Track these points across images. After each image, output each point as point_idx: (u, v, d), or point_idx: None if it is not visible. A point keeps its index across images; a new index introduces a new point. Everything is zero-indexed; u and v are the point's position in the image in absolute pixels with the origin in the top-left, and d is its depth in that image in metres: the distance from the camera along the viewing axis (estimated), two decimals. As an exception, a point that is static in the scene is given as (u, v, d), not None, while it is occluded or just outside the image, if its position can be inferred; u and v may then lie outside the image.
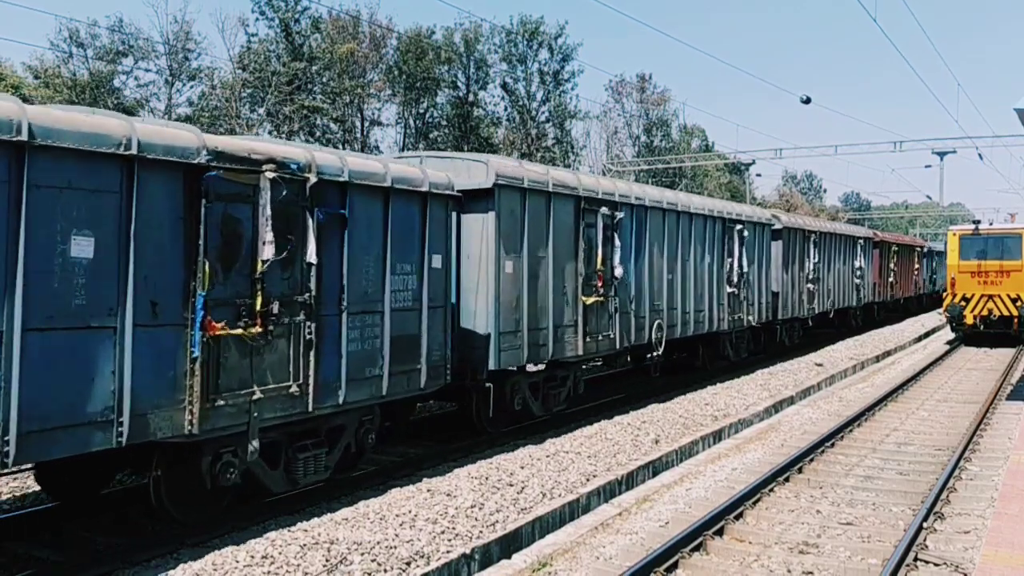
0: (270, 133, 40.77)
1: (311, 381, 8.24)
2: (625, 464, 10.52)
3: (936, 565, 7.35)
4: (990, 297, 25.39)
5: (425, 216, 9.78)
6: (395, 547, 7.25)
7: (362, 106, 48.04)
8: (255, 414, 7.67)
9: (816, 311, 24.20)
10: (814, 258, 23.75)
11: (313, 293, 8.26)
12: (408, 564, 7.03)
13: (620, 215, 13.63)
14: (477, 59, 52.74)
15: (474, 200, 10.91)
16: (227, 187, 7.37)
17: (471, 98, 52.61)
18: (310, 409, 8.26)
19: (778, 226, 21.40)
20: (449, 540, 7.55)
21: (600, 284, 13.08)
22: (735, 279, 18.16)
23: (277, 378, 7.94)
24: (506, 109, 55.29)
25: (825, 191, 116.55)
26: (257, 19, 46.11)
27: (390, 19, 55.76)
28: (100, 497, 8.63)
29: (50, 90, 36.92)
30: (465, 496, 8.69)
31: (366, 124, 47.73)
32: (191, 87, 43.62)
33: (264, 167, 7.56)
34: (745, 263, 18.53)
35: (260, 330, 7.71)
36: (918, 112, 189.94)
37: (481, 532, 7.84)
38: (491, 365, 10.93)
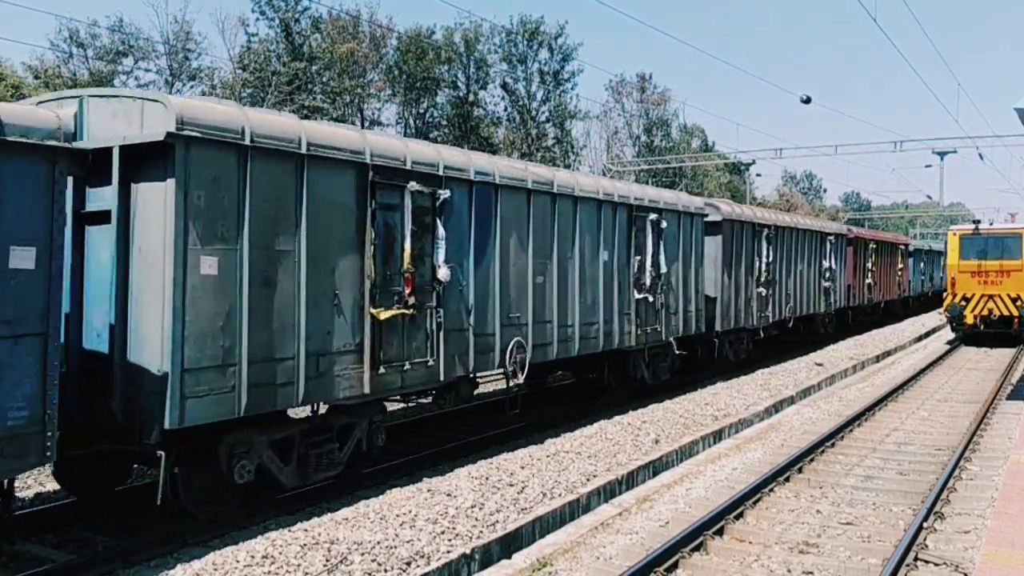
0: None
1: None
2: (625, 464, 10.52)
3: (936, 565, 7.36)
4: (990, 297, 25.39)
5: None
6: (395, 547, 7.25)
7: (362, 106, 48.05)
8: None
9: (770, 319, 20.66)
10: (767, 256, 20.26)
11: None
12: (408, 564, 7.03)
13: (444, 194, 10.01)
14: (477, 59, 52.74)
15: (149, 161, 7.29)
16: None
17: (471, 98, 52.61)
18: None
19: (715, 217, 17.85)
20: (449, 540, 7.55)
21: (408, 291, 9.51)
22: (647, 282, 14.52)
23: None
24: (506, 109, 55.30)
25: (825, 191, 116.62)
26: (257, 19, 46.12)
27: (390, 19, 55.86)
28: (115, 494, 8.73)
29: (50, 90, 36.91)
30: (465, 496, 8.69)
31: (366, 124, 47.72)
32: (191, 87, 43.59)
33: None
34: (663, 262, 14.96)
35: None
36: (918, 112, 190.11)
37: (481, 532, 7.84)
38: (168, 422, 7.10)
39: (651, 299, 14.73)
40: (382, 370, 9.17)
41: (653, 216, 14.73)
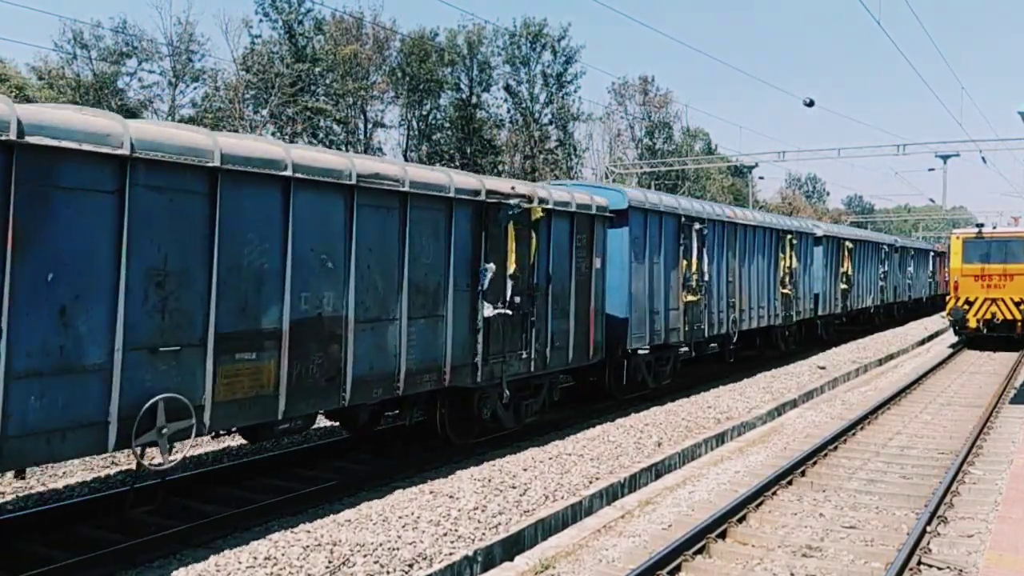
0: (273, 135, 40.83)
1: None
2: (628, 467, 10.51)
3: (939, 569, 7.34)
4: (993, 300, 25.37)
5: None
6: (398, 549, 7.25)
7: (365, 108, 48.14)
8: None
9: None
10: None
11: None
12: (411, 566, 7.03)
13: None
14: (480, 61, 52.85)
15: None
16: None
17: (474, 100, 52.66)
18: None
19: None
20: (452, 542, 7.55)
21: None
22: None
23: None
24: (509, 111, 55.41)
25: (828, 194, 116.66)
26: (260, 21, 46.30)
27: (393, 21, 55.87)
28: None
29: (54, 91, 37.01)
30: (468, 498, 8.68)
31: (369, 126, 47.80)
32: (194, 88, 43.74)
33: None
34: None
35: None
36: (921, 115, 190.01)
37: (484, 534, 7.83)
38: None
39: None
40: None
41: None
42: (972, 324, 25.70)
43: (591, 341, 12.87)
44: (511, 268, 10.86)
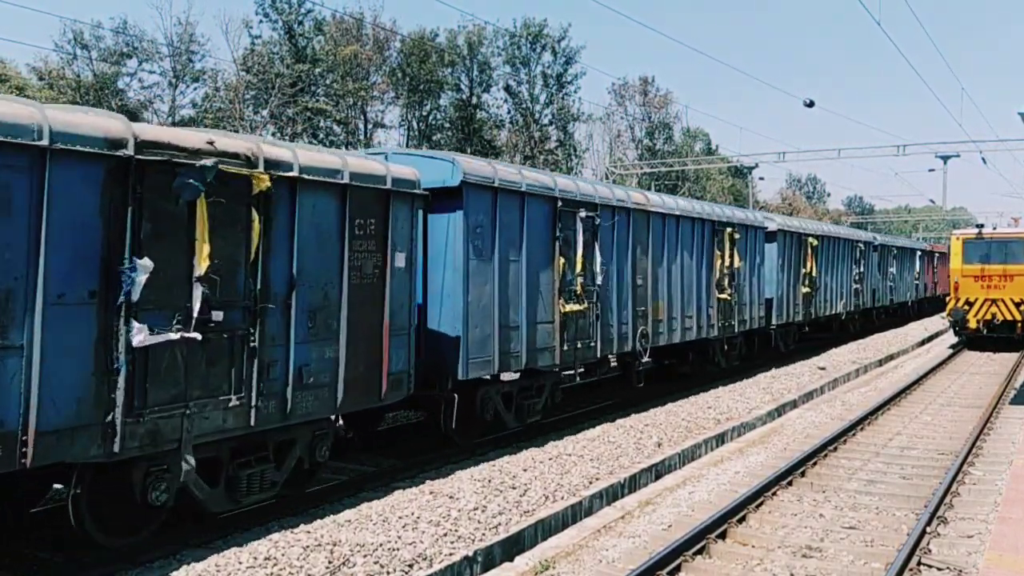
0: (273, 135, 40.85)
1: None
2: (628, 467, 10.51)
3: (939, 570, 7.34)
4: (993, 301, 25.37)
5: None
6: (398, 549, 7.25)
7: (365, 108, 48.15)
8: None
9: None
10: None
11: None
12: (411, 566, 7.03)
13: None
14: (480, 62, 52.85)
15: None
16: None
17: (474, 101, 52.66)
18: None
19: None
20: (452, 542, 7.55)
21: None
22: None
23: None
24: (509, 112, 55.42)
25: (829, 195, 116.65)
26: (261, 21, 46.28)
27: (393, 21, 55.89)
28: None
29: (54, 91, 37.02)
30: (468, 498, 8.69)
31: (369, 126, 47.82)
32: (195, 89, 43.75)
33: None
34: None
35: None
36: (921, 116, 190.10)
37: (483, 534, 7.84)
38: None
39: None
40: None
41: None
42: (972, 325, 25.70)
43: (383, 373, 9.12)
44: (200, 267, 7.14)
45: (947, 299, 27.29)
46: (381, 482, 9.61)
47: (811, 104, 33.96)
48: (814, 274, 23.31)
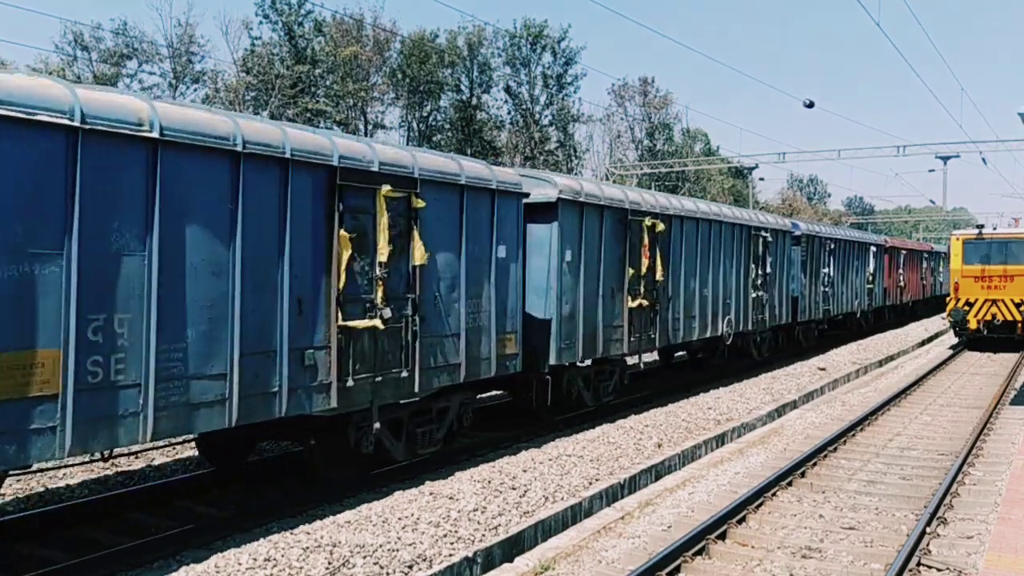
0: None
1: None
2: (628, 468, 10.51)
3: (939, 570, 7.34)
4: (994, 302, 25.37)
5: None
6: (397, 550, 7.26)
7: (365, 109, 48.15)
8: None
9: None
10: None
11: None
12: (410, 567, 7.04)
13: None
14: (480, 62, 52.84)
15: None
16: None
17: (474, 101, 52.66)
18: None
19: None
20: (451, 543, 7.56)
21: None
22: None
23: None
24: (509, 113, 55.42)
25: (829, 195, 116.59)
26: (261, 22, 46.29)
27: (393, 22, 55.86)
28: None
29: (54, 93, 36.95)
30: (467, 499, 8.69)
31: (369, 127, 47.82)
32: (195, 90, 43.74)
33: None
34: None
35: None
36: (921, 116, 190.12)
37: (483, 535, 7.84)
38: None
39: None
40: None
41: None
42: (972, 325, 25.70)
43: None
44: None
45: (947, 299, 27.28)
46: (381, 483, 9.61)
47: (811, 105, 34.00)
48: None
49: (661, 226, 14.51)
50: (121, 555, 7.15)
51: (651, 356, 19.31)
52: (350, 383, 8.57)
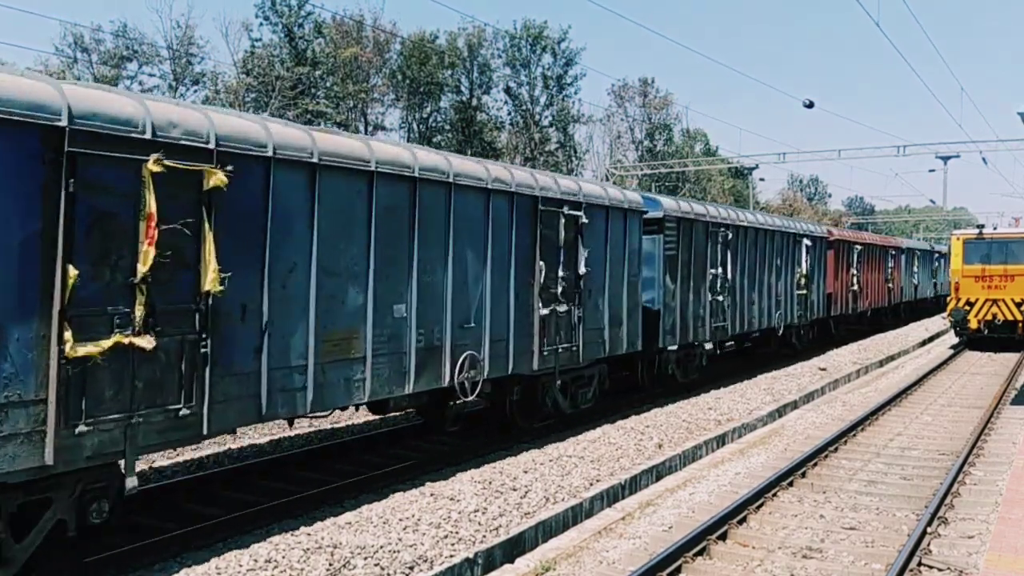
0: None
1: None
2: (628, 468, 10.51)
3: (940, 570, 7.34)
4: (994, 301, 25.37)
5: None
6: (398, 551, 7.26)
7: (365, 110, 48.16)
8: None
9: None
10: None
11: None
12: (411, 568, 7.04)
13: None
14: (480, 63, 52.83)
15: None
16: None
17: (474, 103, 52.66)
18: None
19: None
20: (452, 544, 7.56)
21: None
22: None
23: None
24: (509, 113, 55.43)
25: (830, 196, 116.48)
26: (261, 24, 46.28)
27: (393, 24, 55.85)
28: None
29: (55, 95, 36.96)
30: (468, 500, 8.69)
31: (370, 128, 47.83)
32: (195, 91, 43.76)
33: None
34: None
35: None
36: (922, 116, 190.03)
37: (484, 536, 7.84)
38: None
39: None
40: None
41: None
42: (973, 325, 25.70)
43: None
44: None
45: (948, 299, 27.28)
46: (382, 484, 9.62)
47: (811, 105, 34.01)
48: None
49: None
50: (121, 556, 7.15)
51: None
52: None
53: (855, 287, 27.62)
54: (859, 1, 18.18)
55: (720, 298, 17.50)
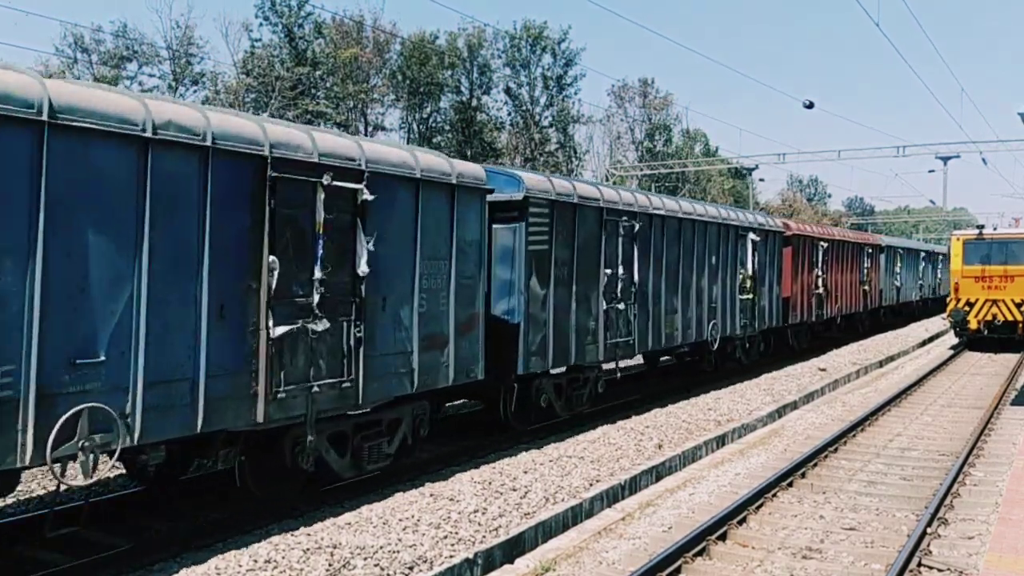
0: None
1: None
2: (628, 469, 10.51)
3: (940, 571, 7.34)
4: (994, 302, 25.37)
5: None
6: (398, 551, 7.26)
7: (366, 111, 48.16)
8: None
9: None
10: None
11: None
12: (411, 568, 7.04)
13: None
14: (480, 64, 52.83)
15: None
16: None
17: (474, 103, 52.66)
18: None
19: None
20: (452, 544, 7.56)
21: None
22: None
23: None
24: (509, 114, 55.42)
25: (830, 196, 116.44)
26: (261, 24, 46.28)
27: (393, 24, 55.88)
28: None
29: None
30: (468, 501, 8.69)
31: (370, 129, 47.83)
32: (195, 91, 43.75)
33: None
34: None
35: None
36: (921, 116, 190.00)
37: (484, 537, 7.84)
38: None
39: None
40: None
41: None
42: (973, 325, 25.70)
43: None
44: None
45: (948, 300, 27.27)
46: (381, 484, 9.61)
47: (811, 105, 34.04)
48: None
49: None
50: (121, 557, 7.15)
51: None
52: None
53: (820, 290, 23.96)
54: (859, 1, 18.20)
55: (621, 306, 13.64)
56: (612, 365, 14.05)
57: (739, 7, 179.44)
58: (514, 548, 7.89)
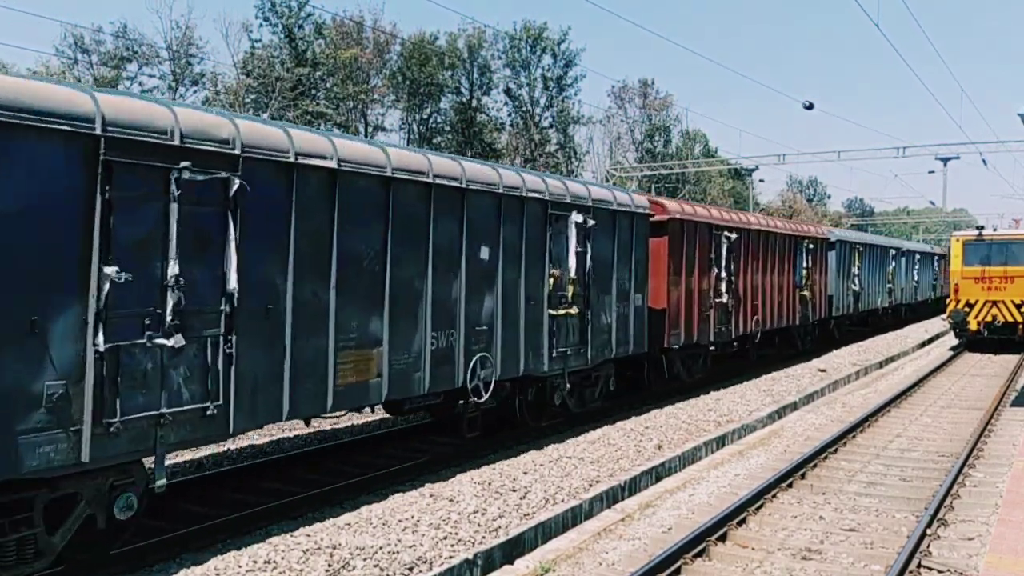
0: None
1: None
2: (628, 470, 10.51)
3: (939, 572, 7.34)
4: (994, 303, 25.37)
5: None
6: (398, 552, 7.25)
7: (366, 111, 48.18)
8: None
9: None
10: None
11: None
12: (411, 569, 7.03)
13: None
14: (480, 65, 52.85)
15: None
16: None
17: (474, 104, 52.67)
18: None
19: None
20: (452, 545, 7.55)
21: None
22: None
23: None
24: (509, 115, 55.44)
25: (829, 197, 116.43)
26: (261, 24, 46.26)
27: (394, 25, 55.89)
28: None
29: (55, 95, 36.93)
30: (468, 501, 8.69)
31: (370, 129, 47.83)
32: (194, 92, 43.76)
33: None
34: None
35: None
36: (921, 117, 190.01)
37: (484, 537, 7.84)
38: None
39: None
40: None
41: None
42: (973, 326, 25.69)
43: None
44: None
45: (947, 300, 27.26)
46: (381, 485, 9.61)
47: (810, 106, 34.05)
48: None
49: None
50: (121, 557, 7.15)
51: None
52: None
53: (724, 298, 17.43)
54: (859, 2, 18.20)
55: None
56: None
57: (739, 7, 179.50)
58: (514, 549, 7.89)
